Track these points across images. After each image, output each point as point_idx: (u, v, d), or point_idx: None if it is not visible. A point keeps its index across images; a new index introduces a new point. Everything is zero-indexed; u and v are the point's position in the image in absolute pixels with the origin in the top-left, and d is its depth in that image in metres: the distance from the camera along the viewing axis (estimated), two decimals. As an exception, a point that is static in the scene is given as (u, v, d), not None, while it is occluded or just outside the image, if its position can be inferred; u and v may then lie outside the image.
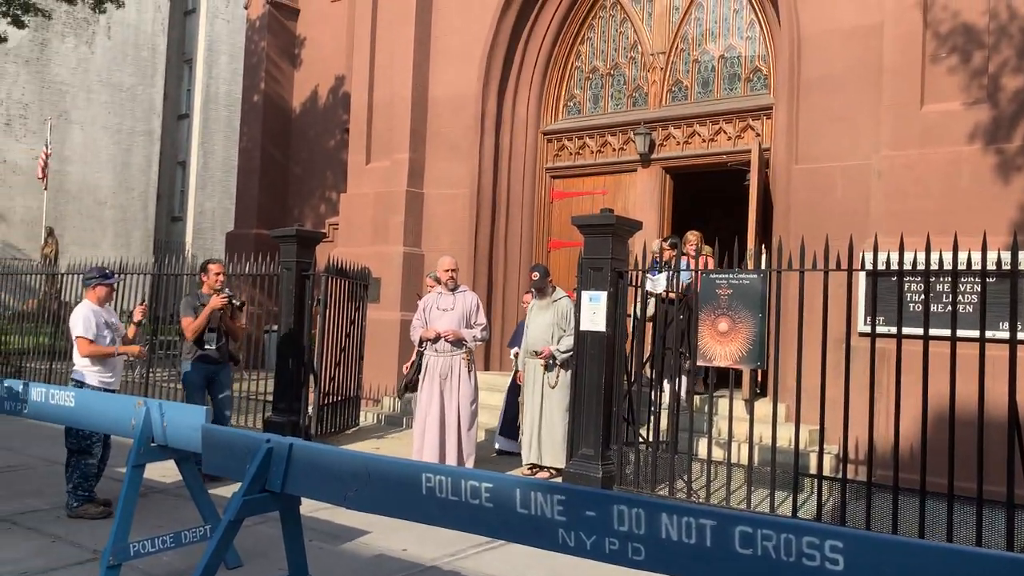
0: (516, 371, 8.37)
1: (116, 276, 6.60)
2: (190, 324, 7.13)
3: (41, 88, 26.90)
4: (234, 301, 7.33)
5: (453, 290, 7.65)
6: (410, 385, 8.32)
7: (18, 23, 14.49)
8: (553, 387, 7.69)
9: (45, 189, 22.28)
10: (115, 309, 6.86)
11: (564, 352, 7.60)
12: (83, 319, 6.14)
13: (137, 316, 6.67)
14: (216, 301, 7.15)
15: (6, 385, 5.98)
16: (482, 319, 7.65)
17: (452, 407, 7.41)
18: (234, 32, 29.63)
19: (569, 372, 7.52)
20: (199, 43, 30.52)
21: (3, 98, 26.08)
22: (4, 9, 14.20)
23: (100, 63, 28.22)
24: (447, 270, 7.67)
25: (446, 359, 7.45)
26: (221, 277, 7.39)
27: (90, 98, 27.97)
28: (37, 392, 5.58)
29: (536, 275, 7.99)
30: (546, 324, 7.77)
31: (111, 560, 4.43)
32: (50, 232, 20.31)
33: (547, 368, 7.68)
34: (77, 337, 6.15)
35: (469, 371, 7.52)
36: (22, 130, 26.44)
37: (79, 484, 5.97)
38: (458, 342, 7.45)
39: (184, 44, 31.26)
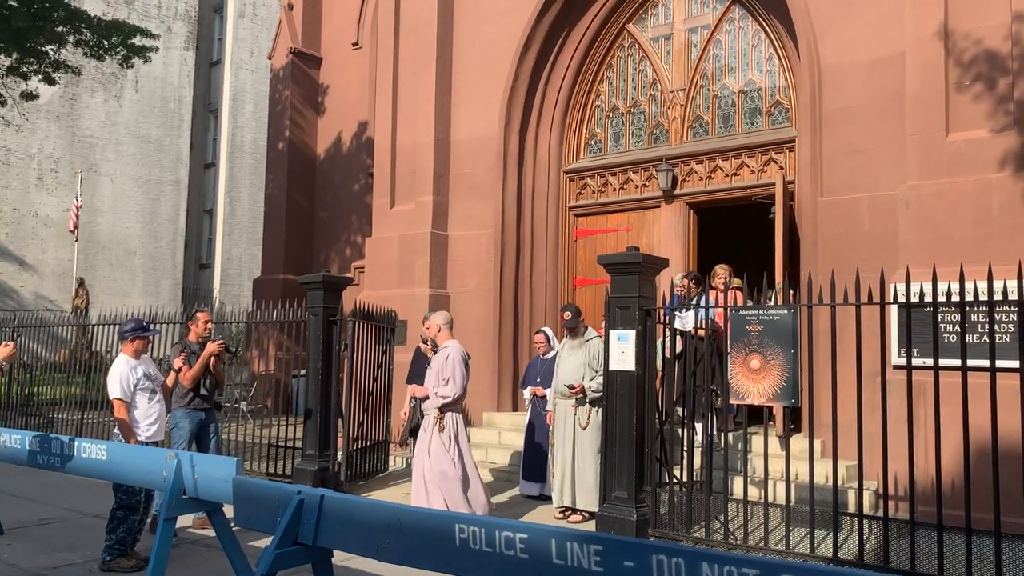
0: (545, 412, 8.30)
1: (153, 328, 6.65)
2: (187, 371, 7.17)
3: (71, 142, 27.49)
4: (230, 348, 7.47)
5: (434, 347, 7.56)
6: (414, 431, 8.26)
7: (49, 80, 14.86)
8: (584, 428, 7.63)
9: (76, 241, 22.67)
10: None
11: (595, 391, 7.55)
12: (119, 378, 6.15)
13: (177, 364, 6.80)
14: (213, 347, 7.27)
15: (40, 439, 6.02)
16: (447, 373, 7.12)
17: (422, 466, 7.18)
18: (258, 82, 30.19)
19: (600, 413, 7.43)
20: (224, 93, 31.12)
21: (35, 153, 26.67)
22: (36, 67, 14.57)
23: (128, 116, 28.83)
24: (427, 328, 7.63)
25: (426, 417, 7.32)
26: (210, 326, 7.72)
27: (119, 150, 28.53)
28: (71, 446, 5.62)
29: (568, 315, 7.96)
30: (577, 364, 7.73)
31: (144, 616, 4.40)
32: (81, 283, 20.60)
33: (578, 403, 7.63)
34: (114, 399, 6.17)
35: (440, 430, 7.11)
36: (53, 183, 26.99)
37: (122, 539, 5.94)
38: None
39: (209, 95, 31.88)
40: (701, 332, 7.25)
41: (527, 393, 8.80)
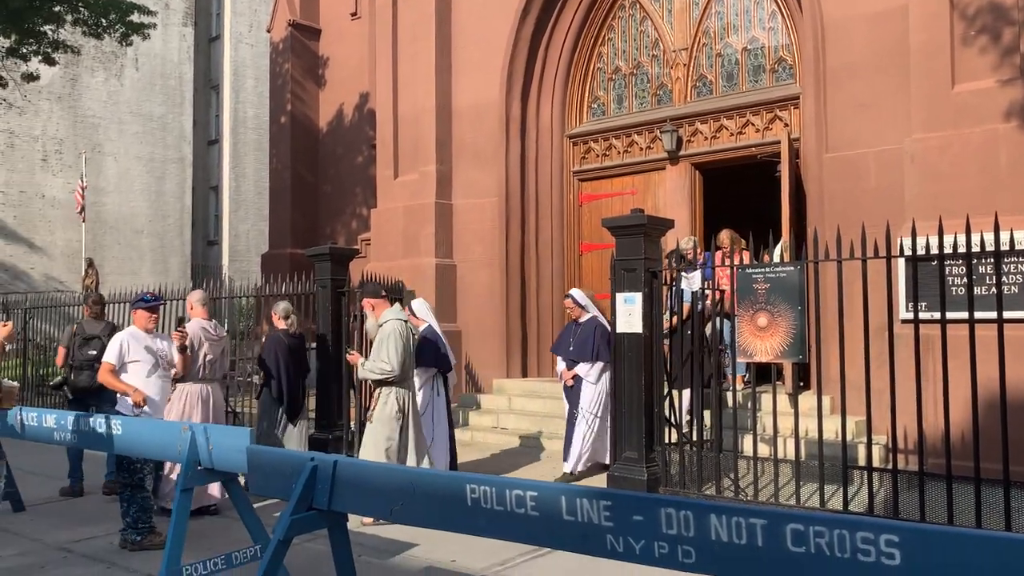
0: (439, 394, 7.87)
1: (158, 300, 6.56)
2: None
3: (74, 123, 27.46)
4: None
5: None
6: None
7: (49, 60, 14.81)
8: (371, 422, 6.68)
9: (83, 222, 22.72)
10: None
11: (370, 371, 6.57)
12: (116, 344, 6.18)
13: (176, 342, 6.58)
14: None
15: (56, 416, 6.10)
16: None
17: None
18: (258, 56, 30.01)
19: (389, 407, 6.62)
20: (225, 69, 30.96)
21: (39, 135, 26.66)
22: (35, 48, 14.52)
23: (130, 95, 28.74)
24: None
25: None
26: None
27: (122, 129, 28.48)
28: (84, 421, 5.69)
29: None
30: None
31: (165, 584, 4.49)
32: (90, 263, 20.66)
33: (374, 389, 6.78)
34: (102, 362, 6.23)
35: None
36: (58, 165, 27.01)
37: (138, 517, 5.91)
38: None
39: (210, 71, 31.73)
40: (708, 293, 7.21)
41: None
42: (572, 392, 8.04)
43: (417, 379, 7.36)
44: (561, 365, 8.22)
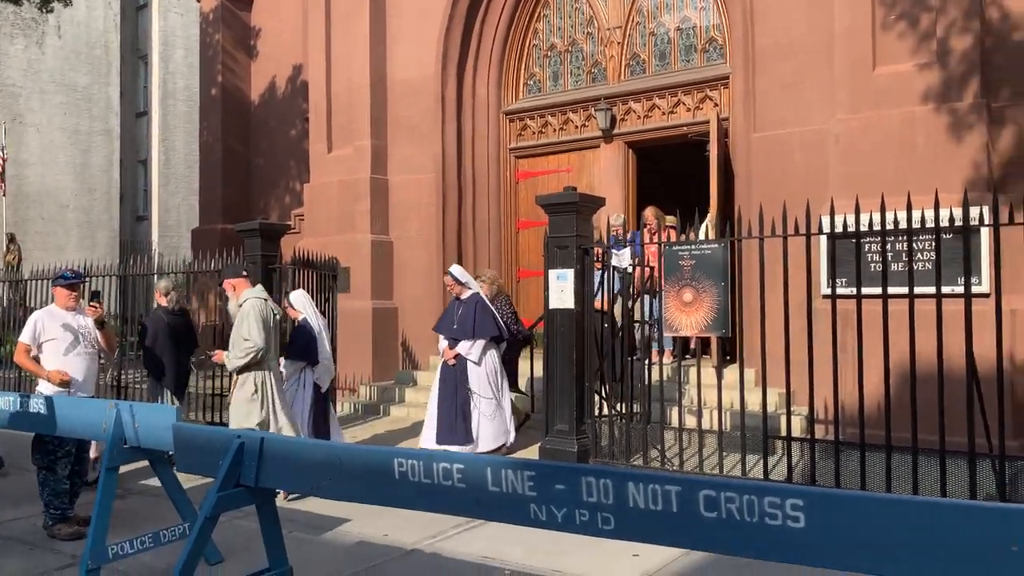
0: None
1: (78, 277, 6.34)
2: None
3: (-8, 92, 26.33)
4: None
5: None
6: None
7: (-37, 27, 14.17)
8: (230, 403, 6.37)
9: (3, 195, 21.88)
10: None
11: (234, 358, 6.23)
12: (31, 323, 6.02)
13: (89, 314, 6.21)
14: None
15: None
16: None
17: None
18: (188, 25, 29.14)
19: (247, 389, 6.25)
20: (153, 38, 29.99)
21: (-46, 104, 25.51)
22: (-52, 13, 13.90)
23: (52, 64, 27.64)
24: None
25: None
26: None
27: (44, 99, 27.41)
28: (5, 400, 5.55)
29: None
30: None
31: (90, 564, 4.44)
32: (11, 238, 19.94)
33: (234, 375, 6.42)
34: (19, 341, 6.06)
35: None
36: (-24, 136, 25.88)
37: (49, 502, 5.81)
38: None
39: (138, 40, 30.70)
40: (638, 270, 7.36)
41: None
42: (455, 371, 7.69)
43: (284, 371, 7.02)
44: (443, 343, 7.92)
